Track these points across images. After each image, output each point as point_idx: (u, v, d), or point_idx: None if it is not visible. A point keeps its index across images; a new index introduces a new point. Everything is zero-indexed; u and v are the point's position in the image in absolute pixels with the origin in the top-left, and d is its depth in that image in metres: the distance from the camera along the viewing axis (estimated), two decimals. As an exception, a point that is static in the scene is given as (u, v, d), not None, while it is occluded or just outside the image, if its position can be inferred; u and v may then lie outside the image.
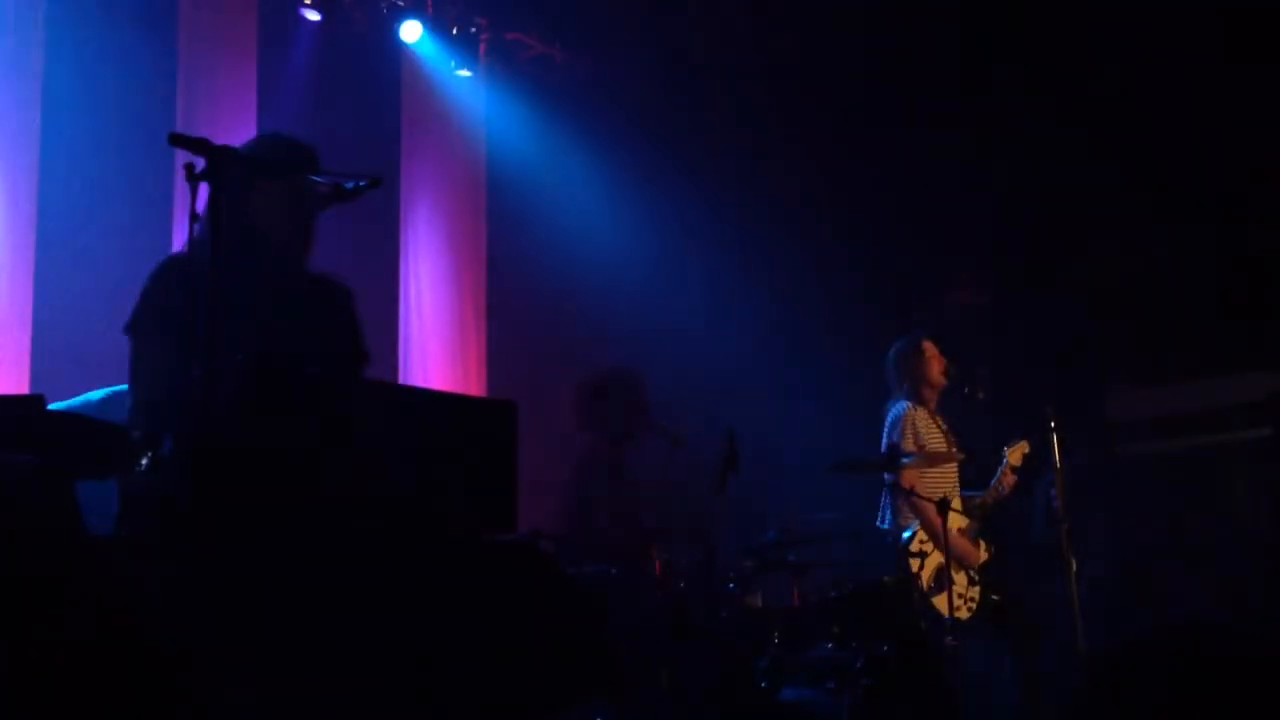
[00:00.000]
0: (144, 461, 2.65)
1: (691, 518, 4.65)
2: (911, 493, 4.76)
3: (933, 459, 4.90)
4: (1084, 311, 6.77)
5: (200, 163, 2.64)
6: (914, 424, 4.96)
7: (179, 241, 4.72)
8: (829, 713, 4.06)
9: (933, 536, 4.83)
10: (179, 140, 2.64)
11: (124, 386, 2.92)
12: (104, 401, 3.25)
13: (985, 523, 5.02)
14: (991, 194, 6.79)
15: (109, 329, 2.92)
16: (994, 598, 4.90)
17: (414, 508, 2.62)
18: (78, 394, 3.31)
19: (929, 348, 5.13)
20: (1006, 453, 4.99)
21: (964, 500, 5.01)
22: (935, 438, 5.01)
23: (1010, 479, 4.98)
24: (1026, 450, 4.94)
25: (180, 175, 2.67)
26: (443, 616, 2.52)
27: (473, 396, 5.65)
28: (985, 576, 4.95)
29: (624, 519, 4.78)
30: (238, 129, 5.19)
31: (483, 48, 6.75)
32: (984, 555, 5.02)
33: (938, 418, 5.12)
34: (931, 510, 4.74)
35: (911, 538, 4.85)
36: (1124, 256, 6.84)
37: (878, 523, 5.09)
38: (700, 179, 6.80)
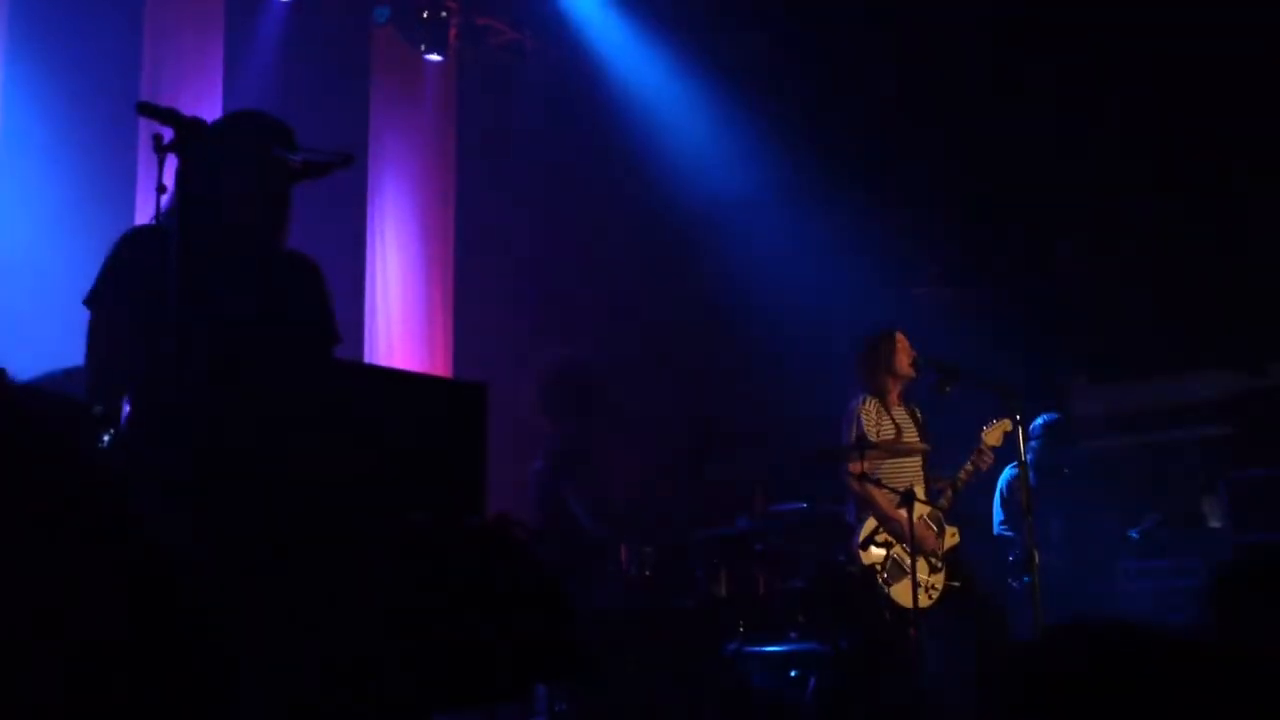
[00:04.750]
0: (106, 437, 2.60)
1: (660, 505, 4.64)
2: (875, 482, 4.78)
3: (891, 450, 4.93)
4: (1047, 309, 6.83)
5: (168, 134, 2.60)
6: (864, 416, 4.99)
7: (142, 214, 4.63)
8: (793, 701, 4.07)
9: (888, 527, 4.85)
10: (147, 110, 2.59)
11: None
12: (65, 376, 3.19)
13: (954, 501, 5.05)
14: (959, 192, 6.83)
15: (69, 302, 2.86)
16: (955, 584, 4.94)
17: (382, 489, 2.59)
18: (38, 369, 3.24)
19: (900, 339, 5.14)
20: (985, 432, 5.02)
21: (936, 480, 5.06)
22: (888, 429, 5.03)
23: (989, 458, 5.02)
24: (1009, 429, 4.95)
25: (144, 146, 2.61)
26: (410, 599, 2.49)
27: (442, 377, 5.61)
28: (950, 562, 4.98)
29: (596, 508, 4.77)
30: (203, 105, 5.10)
31: (453, 32, 6.71)
32: (951, 540, 5.05)
33: (899, 409, 5.14)
34: (888, 500, 4.76)
35: (866, 531, 4.87)
36: (1088, 255, 6.90)
37: (846, 516, 5.12)
38: (670, 164, 6.79)
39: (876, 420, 5.02)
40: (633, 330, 6.55)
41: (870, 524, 4.91)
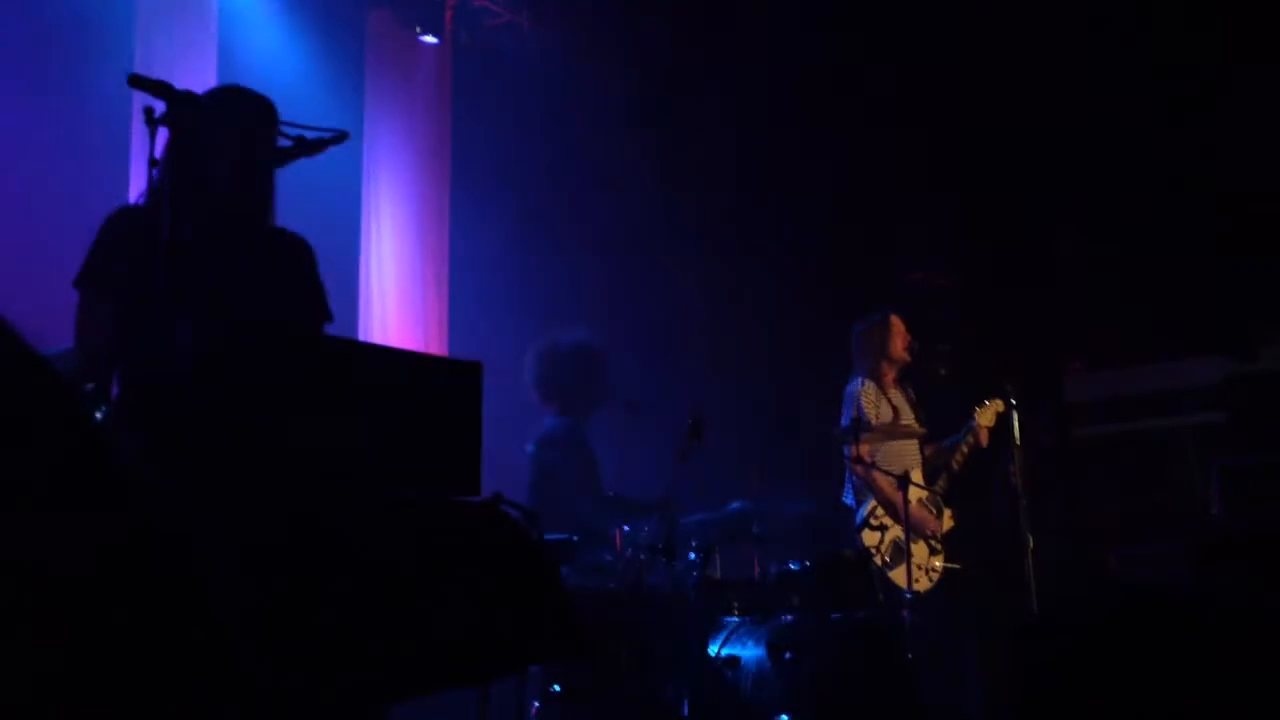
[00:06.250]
0: (98, 415, 2.58)
1: (655, 487, 4.63)
2: (872, 465, 4.79)
3: (889, 434, 4.94)
4: (1042, 294, 6.81)
5: (160, 106, 2.58)
6: (862, 401, 5.00)
7: (135, 190, 4.61)
8: (787, 684, 4.07)
9: (890, 510, 4.86)
10: (139, 82, 2.57)
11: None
12: (55, 359, 3.16)
13: (950, 484, 5.06)
14: (956, 177, 6.82)
15: (59, 282, 2.84)
16: (955, 567, 4.95)
17: (376, 466, 2.58)
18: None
19: (896, 323, 5.15)
20: (977, 413, 5.03)
21: (937, 452, 5.08)
22: (886, 413, 5.03)
23: (985, 437, 5.03)
24: (1001, 409, 4.96)
25: (138, 120, 2.59)
26: (405, 576, 2.48)
27: (437, 356, 5.60)
28: (948, 546, 5.00)
29: (590, 489, 4.76)
30: (196, 83, 5.07)
31: (449, 14, 6.67)
32: (948, 524, 5.06)
33: (895, 393, 5.15)
34: (889, 483, 4.77)
35: (865, 514, 4.88)
36: (1082, 240, 6.89)
37: (843, 498, 5.12)
38: (667, 150, 6.78)
39: (875, 403, 5.03)
40: (630, 311, 6.54)
41: (869, 507, 4.92)
